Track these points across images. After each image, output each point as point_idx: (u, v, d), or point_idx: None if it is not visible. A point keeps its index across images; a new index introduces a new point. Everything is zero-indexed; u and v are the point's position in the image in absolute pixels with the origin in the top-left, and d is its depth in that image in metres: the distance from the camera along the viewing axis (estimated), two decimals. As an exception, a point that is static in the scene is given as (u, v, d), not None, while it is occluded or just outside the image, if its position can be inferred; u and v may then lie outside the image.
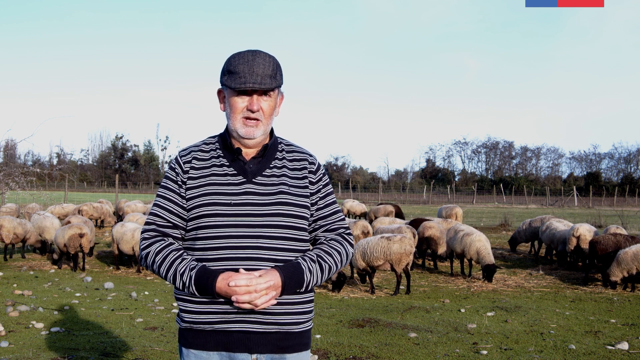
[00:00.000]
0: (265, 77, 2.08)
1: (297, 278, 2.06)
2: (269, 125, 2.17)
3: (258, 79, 2.07)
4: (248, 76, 2.06)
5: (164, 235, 2.16)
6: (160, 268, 2.10)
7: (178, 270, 2.07)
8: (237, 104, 2.12)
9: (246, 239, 2.07)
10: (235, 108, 2.12)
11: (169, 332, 6.46)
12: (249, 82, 2.06)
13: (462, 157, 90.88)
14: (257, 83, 2.06)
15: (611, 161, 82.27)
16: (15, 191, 18.38)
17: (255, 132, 2.13)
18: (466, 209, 33.28)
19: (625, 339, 6.41)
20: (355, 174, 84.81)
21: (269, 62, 2.10)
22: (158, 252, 2.12)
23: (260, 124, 2.13)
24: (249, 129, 2.12)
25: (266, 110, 2.13)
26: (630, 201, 51.19)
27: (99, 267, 11.89)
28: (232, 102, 2.13)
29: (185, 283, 2.05)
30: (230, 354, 2.11)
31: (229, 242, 2.07)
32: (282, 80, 2.15)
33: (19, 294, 8.64)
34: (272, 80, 2.09)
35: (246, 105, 2.11)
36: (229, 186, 2.12)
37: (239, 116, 2.12)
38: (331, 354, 5.64)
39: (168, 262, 2.09)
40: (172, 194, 2.17)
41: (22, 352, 5.44)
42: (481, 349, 5.94)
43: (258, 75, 2.07)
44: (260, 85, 2.06)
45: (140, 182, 75.91)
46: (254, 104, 2.10)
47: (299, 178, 2.20)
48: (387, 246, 9.22)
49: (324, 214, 2.26)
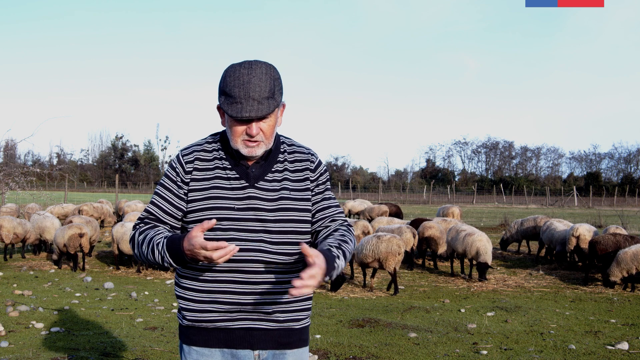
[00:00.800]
0: (262, 102, 2.02)
1: (332, 264, 2.03)
2: (272, 141, 2.15)
3: (255, 105, 2.01)
4: (244, 102, 2.01)
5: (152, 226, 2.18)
6: (142, 247, 2.09)
7: (155, 243, 2.06)
8: (236, 129, 2.08)
9: (249, 243, 2.07)
10: (235, 132, 2.09)
11: (169, 332, 6.46)
12: (246, 111, 2.01)
13: (462, 157, 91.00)
14: (253, 111, 2.01)
15: (611, 161, 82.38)
16: (15, 191, 18.40)
17: (257, 151, 2.10)
18: (466, 209, 33.29)
19: (625, 339, 6.41)
20: (355, 174, 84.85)
21: (266, 81, 2.03)
22: (141, 233, 2.13)
23: (261, 144, 2.11)
24: (251, 149, 2.10)
25: (267, 130, 2.10)
26: (630, 201, 51.20)
27: (99, 267, 11.89)
28: (231, 125, 2.10)
29: (161, 253, 2.03)
30: (232, 350, 2.12)
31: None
32: (281, 97, 2.10)
33: (19, 294, 8.64)
34: (269, 103, 2.04)
35: (245, 130, 2.08)
36: (232, 190, 2.11)
37: (239, 139, 2.10)
38: (331, 354, 5.64)
39: (148, 239, 2.09)
40: (169, 194, 2.16)
41: (22, 352, 5.44)
42: (481, 349, 5.94)
43: (254, 101, 2.01)
44: (257, 114, 2.02)
45: (140, 182, 75.92)
46: (253, 129, 2.06)
47: (300, 180, 2.20)
48: (376, 245, 9.28)
49: (324, 206, 2.25)
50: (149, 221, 2.18)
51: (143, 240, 2.10)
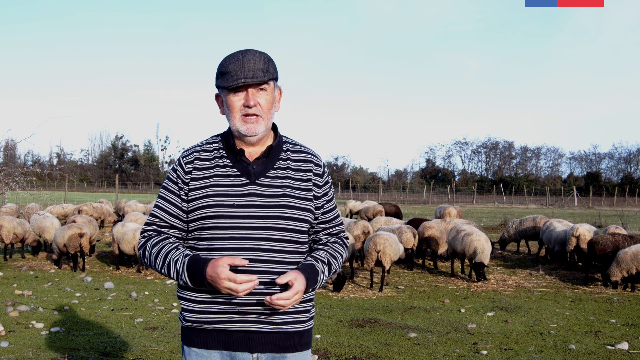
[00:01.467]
0: (257, 71, 2.07)
1: (314, 280, 2.13)
2: (270, 120, 2.16)
3: (250, 73, 2.06)
4: (240, 72, 2.06)
5: (162, 234, 2.19)
6: (157, 260, 2.11)
7: (172, 259, 2.07)
8: (234, 102, 2.10)
9: (248, 241, 2.07)
10: (233, 107, 2.11)
11: (169, 332, 6.46)
12: (241, 77, 2.05)
13: (462, 157, 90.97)
14: (249, 77, 2.05)
15: (611, 161, 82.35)
16: (15, 191, 18.38)
17: (256, 128, 2.11)
18: (466, 209, 33.29)
19: (625, 339, 6.41)
20: (355, 174, 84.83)
21: (260, 57, 2.09)
22: (154, 245, 2.13)
23: (260, 120, 2.11)
24: (250, 126, 2.10)
25: (264, 104, 2.11)
26: (630, 201, 51.17)
27: (99, 267, 11.89)
28: (228, 102, 2.11)
29: (178, 271, 2.06)
30: (231, 353, 2.12)
31: (231, 244, 2.07)
32: (276, 73, 2.14)
33: (19, 294, 8.64)
34: (264, 73, 2.08)
35: (243, 102, 2.09)
36: (232, 187, 2.11)
37: (238, 115, 2.11)
38: (331, 354, 5.64)
39: (163, 253, 2.10)
40: (171, 196, 2.17)
41: (22, 352, 5.44)
42: (481, 349, 5.94)
43: (250, 70, 2.06)
44: (252, 79, 2.05)
45: (140, 182, 75.92)
46: (250, 99, 2.08)
47: (302, 180, 2.19)
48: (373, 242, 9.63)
49: (328, 218, 2.29)
50: (158, 228, 2.18)
51: (157, 253, 2.11)
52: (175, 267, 2.06)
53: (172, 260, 2.07)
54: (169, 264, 2.08)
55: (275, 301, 1.99)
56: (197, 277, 2.02)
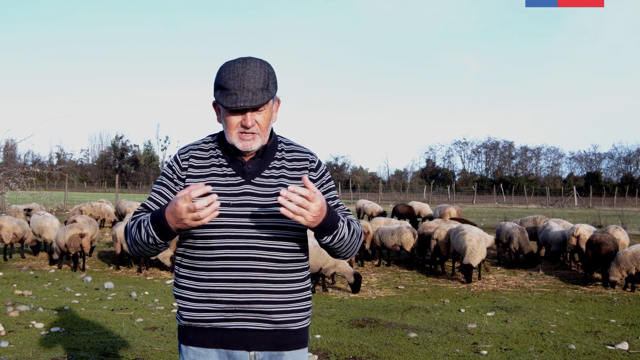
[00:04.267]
0: (256, 93, 2.04)
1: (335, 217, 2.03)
2: (267, 135, 2.16)
3: (249, 95, 2.03)
4: (239, 93, 2.03)
5: None
6: (133, 231, 2.08)
7: (142, 221, 2.05)
8: (231, 120, 2.09)
9: (244, 240, 2.08)
10: (230, 125, 2.10)
11: (169, 332, 6.46)
12: (240, 100, 2.03)
13: (462, 157, 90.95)
14: (248, 101, 2.03)
15: (611, 161, 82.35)
16: (15, 191, 18.39)
17: (252, 145, 2.11)
18: (466, 209, 33.29)
19: (625, 339, 6.41)
20: (355, 174, 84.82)
21: (260, 74, 2.06)
22: (133, 219, 2.14)
23: (257, 137, 2.11)
24: (246, 143, 2.11)
25: (262, 123, 2.11)
26: (630, 201, 51.16)
27: (99, 267, 11.89)
28: (226, 119, 2.11)
29: (147, 230, 2.02)
30: (228, 351, 2.13)
31: (227, 242, 2.08)
32: (275, 90, 2.13)
33: (19, 294, 8.64)
34: (264, 94, 2.05)
35: (240, 121, 2.09)
36: (227, 187, 2.13)
37: (235, 131, 2.10)
38: (331, 354, 5.64)
39: (138, 222, 2.09)
40: (165, 189, 2.18)
41: (22, 352, 5.44)
42: (481, 349, 5.94)
43: (249, 92, 2.03)
44: (251, 103, 2.03)
45: (140, 182, 75.87)
46: (248, 120, 2.07)
47: (298, 178, 2.20)
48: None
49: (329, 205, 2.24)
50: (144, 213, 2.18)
51: (133, 225, 2.10)
52: (144, 227, 2.03)
53: (142, 222, 2.04)
54: (139, 227, 2.05)
55: (290, 195, 1.86)
56: (161, 226, 1.97)
